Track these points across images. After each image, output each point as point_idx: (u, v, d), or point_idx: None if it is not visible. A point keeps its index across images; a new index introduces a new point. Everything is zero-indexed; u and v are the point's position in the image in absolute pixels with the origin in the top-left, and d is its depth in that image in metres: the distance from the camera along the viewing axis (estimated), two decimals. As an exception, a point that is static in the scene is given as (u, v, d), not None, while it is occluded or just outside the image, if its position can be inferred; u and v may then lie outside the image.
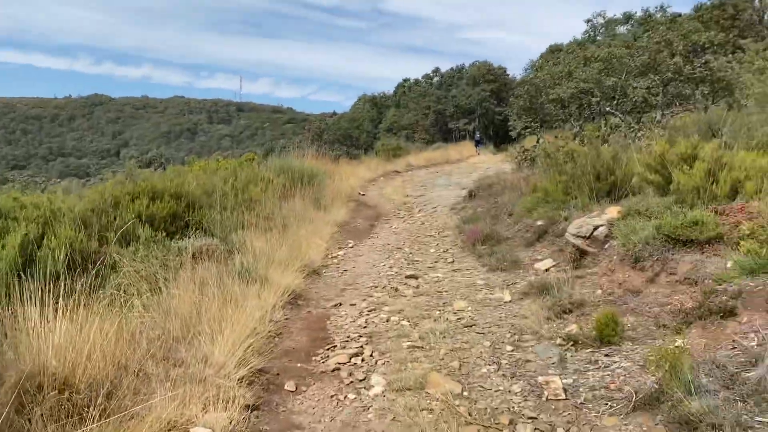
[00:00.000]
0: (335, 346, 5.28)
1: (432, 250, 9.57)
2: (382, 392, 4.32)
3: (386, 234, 11.02)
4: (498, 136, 41.16)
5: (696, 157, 7.03)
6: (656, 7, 35.83)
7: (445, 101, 44.39)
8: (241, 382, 4.15)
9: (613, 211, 7.31)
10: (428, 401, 4.09)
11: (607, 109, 15.70)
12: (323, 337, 5.52)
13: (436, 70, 50.49)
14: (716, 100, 15.54)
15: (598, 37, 40.39)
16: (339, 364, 4.86)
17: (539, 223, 8.84)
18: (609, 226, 6.98)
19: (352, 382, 4.57)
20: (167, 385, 3.82)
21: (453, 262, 8.75)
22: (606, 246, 6.88)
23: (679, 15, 32.77)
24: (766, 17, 26.44)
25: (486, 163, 28.29)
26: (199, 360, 4.34)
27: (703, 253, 5.46)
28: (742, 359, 3.77)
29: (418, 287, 7.24)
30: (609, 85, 15.24)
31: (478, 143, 34.70)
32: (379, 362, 4.89)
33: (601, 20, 40.61)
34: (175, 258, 6.50)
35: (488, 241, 9.09)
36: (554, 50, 42.02)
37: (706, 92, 14.85)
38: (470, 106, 42.99)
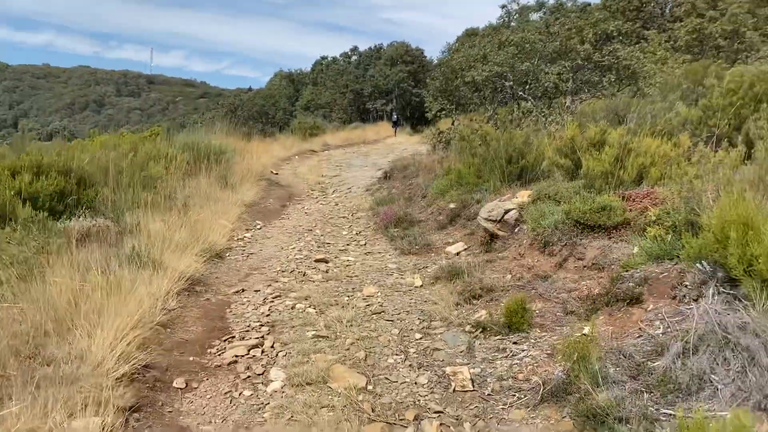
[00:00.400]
0: (234, 337, 4.89)
1: (344, 233, 9.27)
2: (281, 388, 4.00)
3: (298, 215, 10.61)
4: (415, 118, 41.24)
5: (604, 142, 7.08)
6: (568, -4, 37.00)
7: (363, 81, 43.91)
8: (120, 381, 3.69)
9: (523, 195, 7.28)
10: (330, 397, 3.81)
11: (520, 93, 15.88)
12: (221, 327, 5.11)
13: (354, 49, 49.88)
14: (622, 87, 16.06)
15: (512, 23, 41.24)
16: (236, 356, 4.49)
17: (452, 205, 8.74)
18: (519, 210, 6.93)
19: (249, 376, 4.21)
20: (30, 388, 3.33)
21: (365, 245, 8.50)
22: (516, 230, 6.83)
23: (589, 4, 33.92)
24: (668, 10, 27.75)
25: (403, 144, 28.26)
26: (73, 357, 3.84)
27: (611, 238, 5.46)
28: (649, 348, 3.72)
29: (327, 272, 6.93)
30: (522, 70, 15.40)
31: (395, 124, 34.56)
32: (281, 354, 4.55)
33: (515, 6, 41.46)
34: (58, 240, 5.85)
35: (401, 224, 8.89)
36: (470, 34, 42.48)
37: (613, 80, 15.29)
38: (388, 87, 42.76)
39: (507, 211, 6.99)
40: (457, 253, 7.28)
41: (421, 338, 4.84)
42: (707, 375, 3.28)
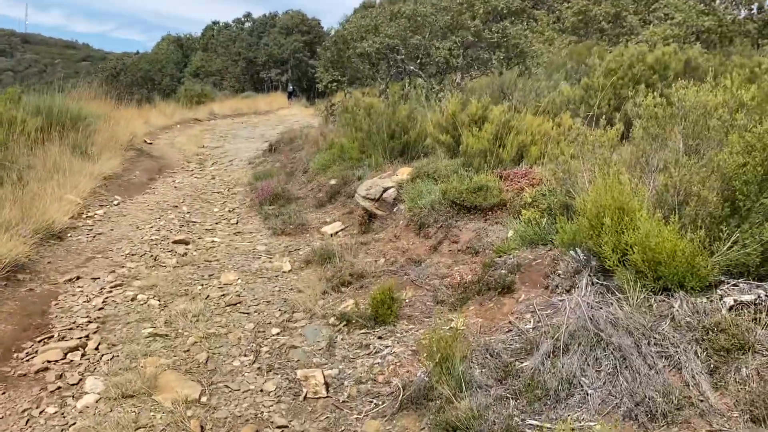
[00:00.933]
0: (52, 337, 4.08)
1: (216, 210, 8.46)
2: (95, 402, 3.29)
3: (166, 190, 9.63)
4: (311, 90, 40.13)
5: (486, 119, 6.77)
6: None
7: (256, 49, 42.05)
8: None
9: (404, 173, 6.85)
10: (152, 414, 3.15)
11: (412, 68, 15.50)
12: (39, 325, 4.27)
13: (248, 15, 47.58)
14: (510, 66, 16.09)
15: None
16: (48, 362, 3.70)
17: (332, 182, 8.17)
18: (398, 188, 6.49)
19: (59, 388, 3.46)
20: None
21: (237, 223, 7.76)
22: (395, 209, 6.39)
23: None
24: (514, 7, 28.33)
25: (296, 116, 27.28)
26: None
27: (486, 220, 5.13)
28: (518, 345, 3.38)
29: (185, 255, 6.16)
30: (413, 43, 14.99)
31: (290, 95, 33.49)
32: (105, 358, 3.81)
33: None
34: None
35: (278, 201, 8.22)
36: (367, 6, 41.75)
37: (502, 57, 15.26)
38: (283, 57, 41.23)
39: (385, 189, 6.53)
40: (334, 234, 6.74)
41: (278, 334, 4.27)
42: (577, 378, 2.95)
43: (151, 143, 14.37)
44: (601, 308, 3.34)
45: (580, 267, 3.73)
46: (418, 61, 15.48)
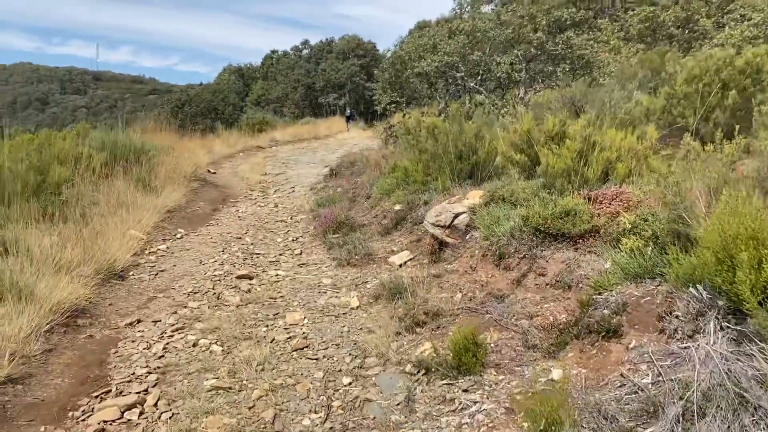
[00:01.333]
0: (109, 391, 3.78)
1: (279, 240, 8.19)
2: (153, 474, 2.93)
3: (229, 220, 9.46)
4: (369, 112, 40.23)
5: (564, 135, 6.20)
6: (518, -12, 36.53)
7: (314, 75, 42.60)
8: None
9: (475, 196, 6.35)
10: (214, 490, 2.76)
11: (472, 85, 15.03)
12: (97, 377, 3.99)
13: (305, 43, 48.40)
14: (576, 77, 15.40)
15: (464, 15, 40.57)
16: (105, 422, 3.39)
17: (397, 207, 7.75)
18: (471, 213, 5.99)
19: (115, 454, 3.14)
20: None
21: (300, 254, 7.45)
22: (468, 237, 5.89)
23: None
24: (618, 1, 27.39)
25: (355, 139, 27.21)
26: None
27: (577, 250, 4.56)
28: (637, 406, 2.81)
29: (249, 291, 5.85)
30: (473, 60, 14.54)
31: (349, 119, 33.59)
32: (164, 416, 3.47)
33: (467, -2, 40.74)
34: None
35: (342, 229, 7.87)
36: (422, 26, 41.63)
37: (567, 69, 14.59)
38: (340, 81, 41.56)
39: (457, 215, 6.04)
40: (402, 264, 6.29)
41: (350, 384, 3.83)
42: (724, 455, 2.37)
43: (214, 173, 14.41)
44: (739, 360, 2.74)
45: (703, 308, 3.13)
46: (479, 77, 14.99)
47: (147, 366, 4.09)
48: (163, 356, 4.27)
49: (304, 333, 4.69)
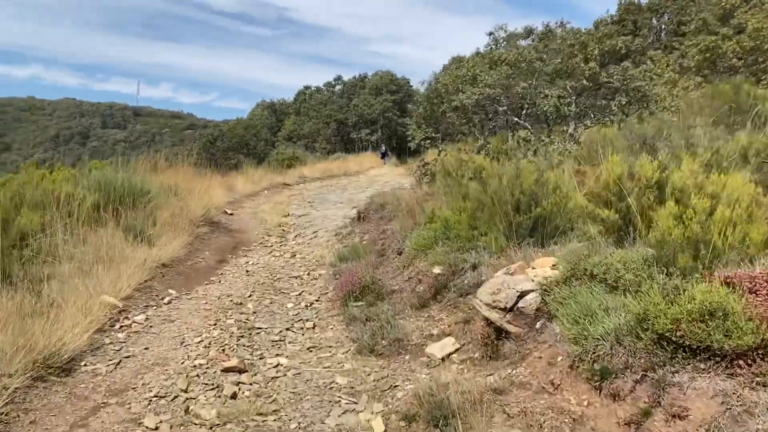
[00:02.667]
0: None
1: (289, 305, 6.55)
2: None
3: (235, 275, 7.86)
4: (401, 148, 38.85)
5: (664, 183, 4.47)
6: (556, 22, 35.02)
7: (347, 110, 41.59)
8: None
9: (544, 264, 4.62)
10: None
11: (516, 119, 13.36)
12: None
13: (338, 78, 47.63)
14: (631, 112, 13.62)
15: (500, 50, 39.17)
16: None
17: (436, 270, 6.03)
18: (543, 292, 4.25)
19: None
20: None
21: (313, 328, 5.78)
22: (539, 327, 4.14)
23: (580, 29, 31.84)
24: (663, 36, 25.64)
25: (386, 176, 25.74)
26: None
27: (736, 376, 2.78)
28: None
29: (234, 396, 4.17)
30: (518, 92, 12.91)
31: (384, 155, 32.54)
32: None
33: (502, 33, 39.47)
34: None
35: (367, 294, 6.19)
36: (457, 61, 40.39)
37: (624, 102, 12.82)
38: (372, 116, 40.41)
39: (522, 295, 4.30)
40: (445, 358, 4.56)
41: None
42: None
43: (231, 214, 12.94)
44: None
45: None
46: (524, 111, 13.33)
47: None
48: None
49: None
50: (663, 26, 25.46)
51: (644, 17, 25.95)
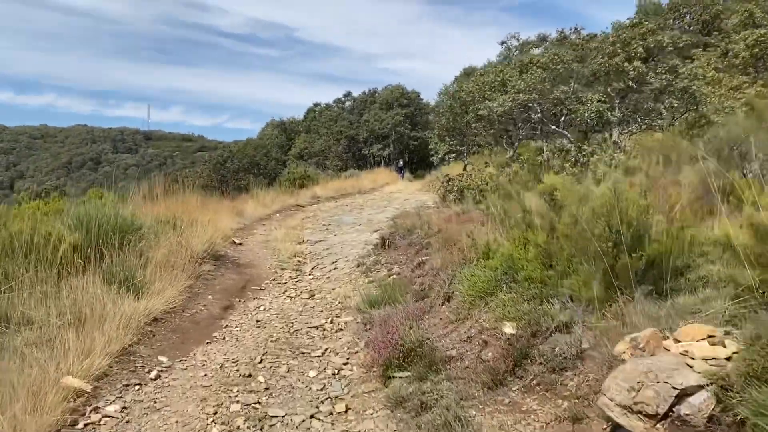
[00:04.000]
0: None
1: (312, 374, 4.99)
2: None
3: (243, 329, 6.31)
4: (414, 162, 37.33)
5: None
6: (570, 29, 33.49)
7: (357, 126, 40.14)
8: None
9: (695, 334, 3.04)
10: None
11: (552, 127, 11.80)
12: None
13: (348, 94, 46.18)
14: (680, 115, 12.02)
15: (513, 60, 37.67)
16: None
17: (508, 330, 4.43)
18: (717, 389, 2.66)
19: None
20: None
21: (346, 413, 4.22)
22: (719, 449, 2.53)
23: (595, 35, 30.28)
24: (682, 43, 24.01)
25: (403, 192, 24.19)
26: None
27: None
28: None
29: None
30: (556, 97, 11.37)
31: (401, 170, 31.30)
32: None
33: (515, 42, 38.00)
34: None
35: (413, 363, 4.62)
36: (469, 73, 38.91)
37: (675, 105, 11.23)
38: (384, 131, 38.90)
39: (683, 395, 2.71)
40: (555, 485, 2.96)
41: None
42: None
43: (240, 243, 11.44)
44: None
45: None
46: (563, 118, 11.77)
47: None
48: None
49: None
50: (688, 26, 23.86)
51: (666, 17, 24.44)
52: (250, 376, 4.91)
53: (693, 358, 2.85)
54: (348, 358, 5.36)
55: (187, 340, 5.83)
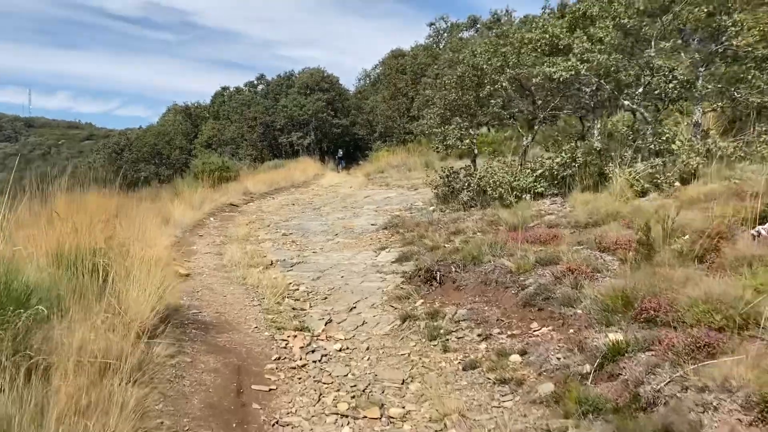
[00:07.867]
0: None
1: None
2: None
3: None
4: (334, 151, 32.99)
5: None
6: (503, 11, 30.75)
7: (273, 112, 35.12)
8: None
9: None
10: None
11: (627, 102, 8.35)
12: None
13: (261, 77, 40.81)
14: None
15: (442, 43, 34.48)
16: None
17: None
18: None
19: None
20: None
21: None
22: None
23: (528, 16, 27.48)
24: None
25: (342, 185, 20.23)
26: None
27: None
28: None
29: None
30: (643, 62, 7.91)
31: (340, 160, 27.46)
32: None
33: (443, 24, 34.85)
34: None
35: None
36: (397, 55, 35.21)
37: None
38: (304, 118, 34.27)
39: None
40: None
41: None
42: None
43: (187, 274, 7.00)
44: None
45: None
46: (640, 89, 8.32)
47: None
48: None
49: None
50: None
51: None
52: None
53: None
54: None
55: None
